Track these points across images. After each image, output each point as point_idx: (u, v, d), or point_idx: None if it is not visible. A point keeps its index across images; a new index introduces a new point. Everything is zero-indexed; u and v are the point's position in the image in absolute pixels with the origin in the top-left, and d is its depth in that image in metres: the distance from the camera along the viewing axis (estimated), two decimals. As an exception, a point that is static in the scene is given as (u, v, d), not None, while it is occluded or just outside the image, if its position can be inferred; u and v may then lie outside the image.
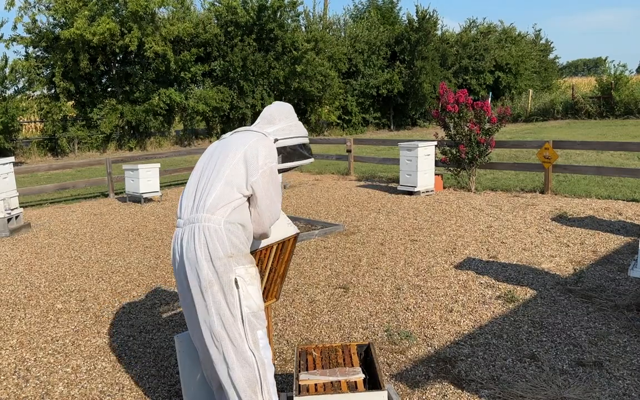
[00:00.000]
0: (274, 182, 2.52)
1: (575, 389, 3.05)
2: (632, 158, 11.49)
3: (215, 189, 2.43)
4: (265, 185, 2.47)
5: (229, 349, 2.39)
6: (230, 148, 2.53)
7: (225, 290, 2.38)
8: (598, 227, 6.53)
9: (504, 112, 9.15)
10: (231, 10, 21.84)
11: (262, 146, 2.52)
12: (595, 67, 58.26)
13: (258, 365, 2.41)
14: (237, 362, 2.39)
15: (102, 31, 18.43)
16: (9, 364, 3.71)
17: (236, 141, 2.57)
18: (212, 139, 22.68)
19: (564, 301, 4.31)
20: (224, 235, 2.39)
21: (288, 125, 2.68)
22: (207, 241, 2.38)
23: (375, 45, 25.95)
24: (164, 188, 11.12)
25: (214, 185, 2.44)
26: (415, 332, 3.90)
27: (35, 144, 19.89)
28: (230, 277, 2.38)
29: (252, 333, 2.41)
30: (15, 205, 7.96)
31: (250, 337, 2.41)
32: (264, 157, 2.48)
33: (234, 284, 2.38)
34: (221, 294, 2.38)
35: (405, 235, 6.55)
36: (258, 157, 2.47)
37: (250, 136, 2.57)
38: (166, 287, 5.11)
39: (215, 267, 2.37)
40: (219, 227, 2.39)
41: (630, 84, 24.90)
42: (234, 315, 2.38)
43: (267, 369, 2.44)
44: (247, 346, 2.39)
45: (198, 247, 2.39)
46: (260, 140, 2.55)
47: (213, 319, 2.39)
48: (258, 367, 2.41)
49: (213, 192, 2.43)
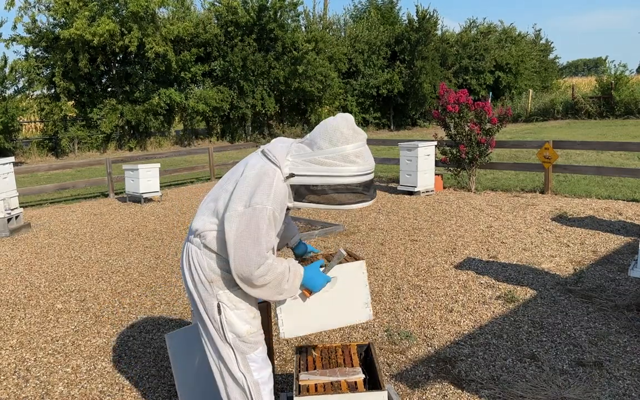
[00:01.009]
0: (251, 228, 2.05)
1: (575, 389, 3.05)
2: (632, 158, 11.49)
3: (202, 212, 2.27)
4: (238, 228, 2.06)
5: (222, 369, 2.31)
6: (237, 169, 2.26)
7: (210, 315, 2.25)
8: (598, 227, 6.53)
9: (504, 112, 9.15)
10: (231, 11, 21.84)
11: (258, 180, 2.09)
12: (595, 67, 58.26)
13: (250, 389, 2.29)
14: (231, 382, 2.31)
15: (102, 32, 18.43)
16: (9, 364, 3.71)
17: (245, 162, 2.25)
18: (212, 139, 22.70)
19: (564, 301, 4.31)
20: (202, 259, 2.22)
21: (331, 157, 2.08)
22: (190, 264, 2.27)
23: (375, 45, 25.95)
24: (164, 188, 11.12)
25: (204, 206, 2.28)
26: (415, 332, 3.90)
27: (35, 144, 19.89)
28: (212, 302, 2.23)
29: (242, 357, 2.27)
30: (15, 205, 7.96)
31: (240, 360, 2.27)
32: (250, 194, 2.07)
33: (217, 310, 2.23)
34: (207, 317, 2.27)
35: (405, 235, 6.55)
36: (244, 191, 2.09)
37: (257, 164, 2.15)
38: (166, 287, 5.11)
39: (199, 290, 2.25)
40: (200, 251, 2.23)
41: (630, 84, 24.88)
42: (222, 339, 2.26)
43: (262, 390, 2.31)
44: (238, 369, 2.27)
45: (185, 268, 2.32)
46: (262, 173, 2.10)
47: (206, 338, 2.32)
48: (250, 391, 2.29)
49: (200, 215, 2.27)
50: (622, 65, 25.71)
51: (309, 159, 2.09)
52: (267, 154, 2.16)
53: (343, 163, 2.07)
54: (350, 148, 2.07)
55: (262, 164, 2.13)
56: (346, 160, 2.07)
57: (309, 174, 2.08)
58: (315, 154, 2.09)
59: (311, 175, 2.08)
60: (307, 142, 2.15)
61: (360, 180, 2.09)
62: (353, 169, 2.07)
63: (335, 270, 2.38)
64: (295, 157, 2.12)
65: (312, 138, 2.14)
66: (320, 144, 2.09)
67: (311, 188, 2.10)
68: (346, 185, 2.08)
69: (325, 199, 2.10)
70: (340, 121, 2.11)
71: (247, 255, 2.05)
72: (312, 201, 2.12)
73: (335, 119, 2.14)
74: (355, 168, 2.08)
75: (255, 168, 2.12)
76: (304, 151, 2.12)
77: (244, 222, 2.05)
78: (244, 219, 2.05)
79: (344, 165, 2.07)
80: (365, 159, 2.11)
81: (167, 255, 6.21)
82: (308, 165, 2.09)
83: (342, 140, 2.07)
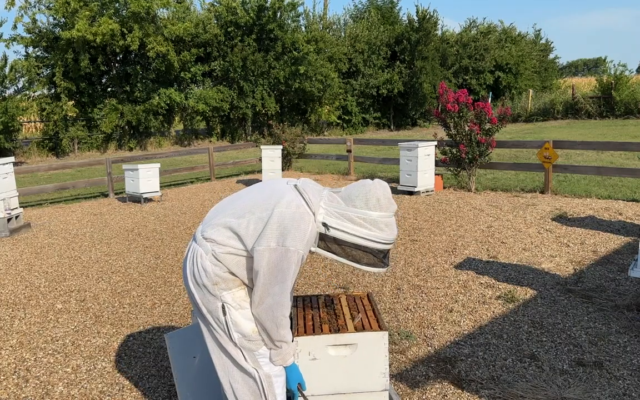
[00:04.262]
0: (281, 268, 2.11)
1: (575, 389, 3.05)
2: (632, 158, 11.49)
3: (221, 224, 2.24)
4: (269, 263, 2.11)
5: (230, 364, 2.31)
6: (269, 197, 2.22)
7: (214, 316, 2.27)
8: (598, 227, 6.53)
9: (504, 112, 9.15)
10: (231, 11, 21.84)
11: (293, 221, 2.11)
12: (595, 67, 58.26)
13: (263, 382, 2.29)
14: (240, 380, 2.31)
15: (104, 31, 18.44)
16: (9, 364, 3.71)
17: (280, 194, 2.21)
18: (212, 139, 22.69)
19: (564, 301, 4.31)
20: (207, 264, 2.23)
21: (362, 218, 2.16)
22: (194, 267, 2.27)
23: (375, 45, 25.94)
24: (164, 188, 11.12)
25: (224, 219, 2.25)
26: (415, 332, 3.90)
27: (35, 144, 19.89)
28: (217, 304, 2.24)
29: (250, 354, 2.27)
30: (15, 205, 7.95)
31: (249, 358, 2.28)
32: (285, 233, 2.10)
33: (221, 311, 2.24)
34: (210, 317, 2.28)
35: (405, 235, 6.55)
36: (279, 228, 2.11)
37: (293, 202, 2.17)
38: (166, 287, 5.11)
39: (202, 292, 2.26)
40: (206, 255, 2.23)
41: (630, 84, 24.86)
42: (228, 338, 2.28)
43: (274, 383, 2.31)
44: (248, 364, 2.28)
45: (188, 270, 2.31)
46: (298, 215, 2.13)
47: (210, 337, 2.33)
48: (262, 382, 2.29)
49: (218, 226, 2.25)
50: (622, 65, 25.75)
51: (342, 213, 2.18)
52: (303, 195, 2.20)
53: (372, 227, 2.17)
54: (382, 216, 2.18)
55: (298, 203, 2.17)
56: (375, 226, 2.17)
57: (340, 228, 2.17)
58: (349, 210, 2.17)
59: (341, 231, 2.17)
60: (342, 195, 2.23)
61: (383, 248, 2.19)
62: (380, 236, 2.18)
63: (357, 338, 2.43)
64: (328, 206, 2.20)
65: (347, 194, 2.22)
66: (356, 203, 2.18)
67: (337, 241, 2.18)
68: (369, 249, 2.18)
69: (346, 254, 2.20)
70: (379, 188, 2.22)
71: (273, 290, 2.13)
72: (332, 252, 2.21)
73: (374, 184, 2.23)
74: (383, 235, 2.18)
75: (291, 207, 2.15)
76: (337, 203, 2.20)
77: (275, 259, 2.11)
78: (275, 256, 2.11)
79: (373, 229, 2.17)
80: (392, 229, 2.22)
81: (167, 255, 6.21)
82: (340, 219, 2.17)
83: (378, 206, 2.18)
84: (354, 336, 2.41)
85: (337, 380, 2.42)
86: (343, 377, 2.43)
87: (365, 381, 2.44)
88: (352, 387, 2.45)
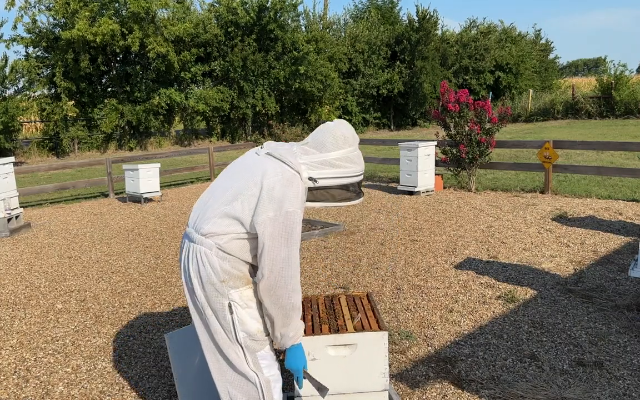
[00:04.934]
0: (287, 232, 2.12)
1: (575, 389, 3.05)
2: (633, 158, 11.49)
3: (215, 215, 2.22)
4: (273, 232, 2.11)
5: (228, 369, 2.29)
6: (252, 175, 2.22)
7: (219, 315, 2.24)
8: (598, 227, 6.53)
9: (504, 112, 9.15)
10: (231, 11, 21.84)
11: (286, 190, 2.14)
12: (595, 67, 58.28)
13: (262, 386, 2.28)
14: (238, 380, 2.29)
15: (104, 32, 18.43)
16: (9, 364, 3.71)
17: (261, 169, 2.22)
18: (212, 139, 22.69)
19: (564, 301, 4.31)
20: (215, 261, 2.20)
21: (338, 158, 2.23)
22: (199, 266, 2.23)
23: (375, 45, 25.93)
24: (164, 188, 11.12)
25: (217, 210, 2.23)
26: (415, 332, 3.90)
27: (35, 144, 19.89)
28: (223, 302, 2.22)
29: (252, 355, 2.27)
30: (15, 205, 7.96)
31: (250, 359, 2.27)
32: (280, 199, 2.12)
33: (227, 309, 2.22)
34: (214, 318, 2.25)
35: (406, 235, 6.55)
36: (273, 197, 2.13)
37: (277, 169, 2.19)
38: (166, 287, 5.11)
39: (207, 292, 2.23)
40: (211, 252, 2.21)
41: (630, 83, 24.86)
42: (231, 339, 2.25)
43: (273, 388, 2.31)
44: (248, 367, 2.27)
45: (192, 270, 2.27)
46: (287, 181, 2.16)
47: (210, 340, 2.30)
48: (262, 387, 2.28)
49: (213, 218, 2.22)
50: (622, 65, 25.74)
51: (321, 162, 2.23)
52: (283, 160, 2.22)
53: (348, 164, 2.25)
54: (352, 151, 2.27)
55: (282, 169, 2.19)
56: (350, 162, 2.26)
57: (325, 176, 2.23)
58: (325, 156, 2.23)
59: (327, 178, 2.23)
60: (311, 145, 2.27)
61: (360, 179, 2.31)
62: (356, 169, 2.28)
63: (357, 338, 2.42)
64: (307, 160, 2.24)
65: (316, 141, 2.26)
66: (328, 147, 2.24)
67: (324, 188, 2.24)
68: (351, 185, 2.27)
69: (332, 197, 2.27)
70: (341, 126, 2.30)
71: (281, 256, 2.11)
72: (320, 200, 2.27)
73: (336, 123, 2.30)
74: (358, 168, 2.28)
75: (278, 174, 2.17)
76: (313, 154, 2.25)
77: (278, 226, 2.11)
78: (277, 223, 2.11)
79: (349, 166, 2.25)
80: (361, 159, 2.32)
81: (167, 255, 6.21)
82: (322, 168, 2.23)
83: (347, 143, 2.26)
84: (353, 336, 2.41)
85: (337, 381, 2.42)
86: (343, 377, 2.43)
87: (365, 381, 2.44)
88: (352, 387, 2.45)
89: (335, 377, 2.42)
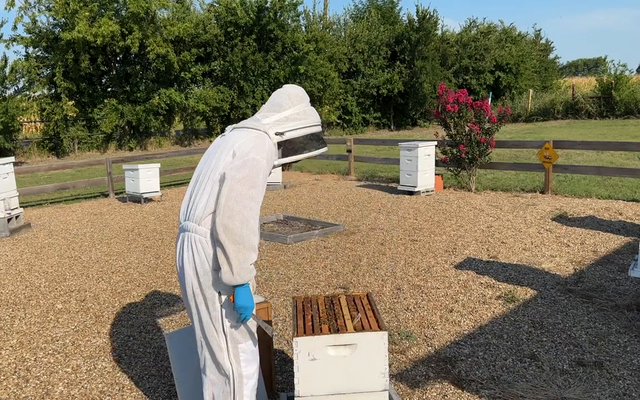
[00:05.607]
0: (250, 175, 2.23)
1: (575, 389, 3.05)
2: (633, 158, 11.49)
3: (203, 197, 2.31)
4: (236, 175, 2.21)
5: (209, 358, 2.39)
6: (224, 149, 2.37)
7: (209, 303, 2.31)
8: (598, 227, 6.53)
9: (504, 111, 9.16)
10: (231, 11, 21.84)
11: (254, 144, 2.30)
12: (595, 67, 58.26)
13: (234, 378, 2.37)
14: (215, 372, 2.39)
15: (104, 33, 18.43)
16: (9, 364, 3.71)
17: (231, 141, 2.38)
18: (212, 139, 22.67)
19: (564, 301, 4.31)
20: (209, 248, 2.28)
21: (296, 113, 2.45)
22: (194, 254, 2.31)
23: (375, 45, 25.93)
24: (164, 188, 11.12)
25: (203, 192, 2.33)
26: (415, 332, 3.90)
27: (35, 144, 19.89)
28: (214, 291, 2.30)
29: (234, 347, 2.36)
30: (15, 205, 7.95)
31: (231, 350, 2.36)
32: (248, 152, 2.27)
33: (217, 298, 2.30)
34: (204, 306, 2.32)
35: (406, 235, 6.55)
36: (242, 152, 2.27)
37: (243, 134, 2.37)
38: (166, 287, 5.11)
39: (200, 280, 2.30)
40: (205, 239, 2.28)
41: (630, 83, 24.87)
42: (217, 329, 2.33)
43: (244, 384, 2.39)
44: (227, 358, 2.35)
45: (186, 259, 2.33)
46: (254, 138, 2.33)
47: (198, 328, 2.39)
48: (234, 381, 2.36)
49: (202, 201, 2.31)
50: (622, 65, 25.81)
51: (282, 119, 2.44)
52: (248, 126, 2.41)
53: (305, 116, 2.48)
54: (305, 105, 2.51)
55: (251, 133, 2.37)
56: (307, 114, 2.49)
57: (289, 129, 2.43)
58: (284, 113, 2.45)
59: (291, 130, 2.43)
60: (269, 109, 2.48)
61: (319, 130, 2.54)
62: (314, 120, 2.51)
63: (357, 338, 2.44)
64: (270, 120, 2.43)
65: (272, 105, 2.48)
66: (284, 106, 2.46)
67: (291, 141, 2.44)
68: (313, 134, 2.49)
69: (301, 147, 2.46)
70: (290, 87, 2.55)
71: (241, 194, 2.19)
72: (291, 154, 2.46)
73: (286, 87, 2.56)
74: (315, 119, 2.52)
75: (248, 138, 2.34)
76: (272, 115, 2.45)
77: (243, 171, 2.22)
78: (243, 169, 2.23)
79: (307, 118, 2.49)
80: (315, 112, 2.56)
81: (167, 255, 6.21)
82: (285, 123, 2.43)
83: (299, 100, 2.50)
84: (353, 336, 2.41)
85: (336, 381, 2.42)
86: (343, 377, 2.42)
87: (365, 381, 2.44)
88: (352, 387, 2.45)
89: (335, 377, 2.42)
